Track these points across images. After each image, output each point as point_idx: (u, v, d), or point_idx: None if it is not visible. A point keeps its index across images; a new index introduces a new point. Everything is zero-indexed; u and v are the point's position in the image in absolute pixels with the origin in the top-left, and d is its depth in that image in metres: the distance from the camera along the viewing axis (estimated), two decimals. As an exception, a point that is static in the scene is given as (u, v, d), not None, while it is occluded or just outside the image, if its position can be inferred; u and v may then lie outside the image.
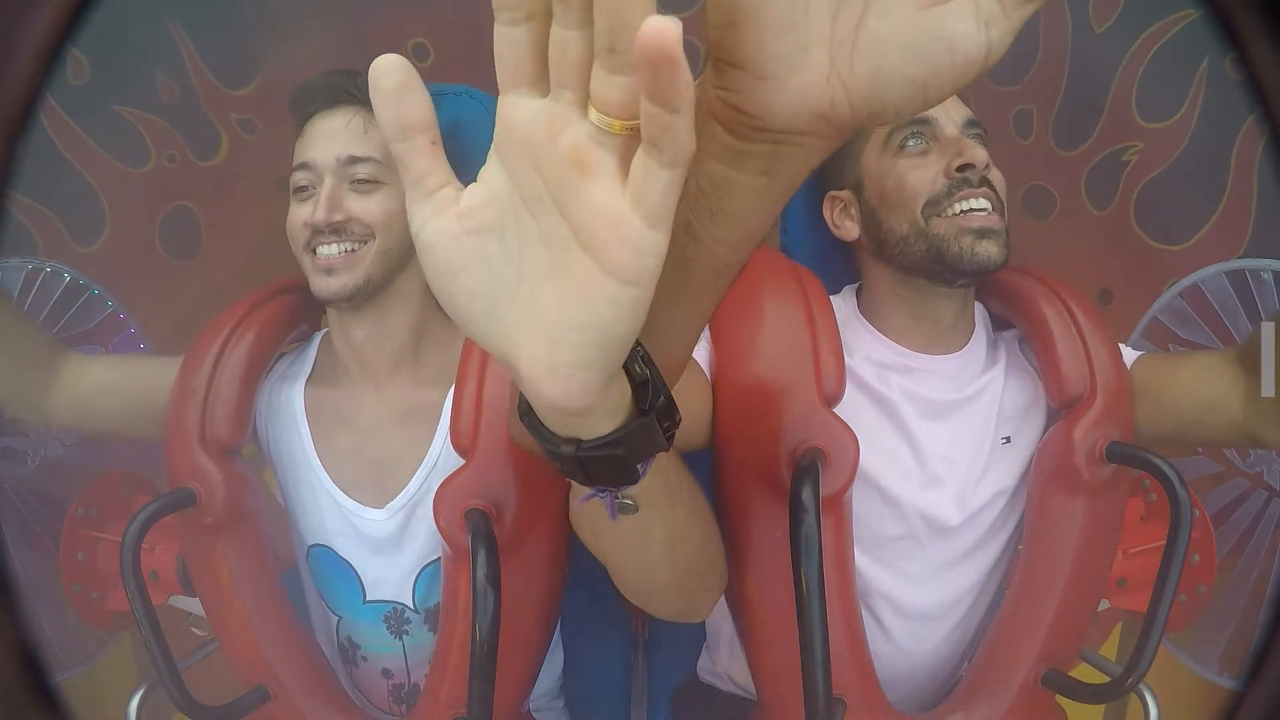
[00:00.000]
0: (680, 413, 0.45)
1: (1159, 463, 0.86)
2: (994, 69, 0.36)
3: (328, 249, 0.95)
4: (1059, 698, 0.96)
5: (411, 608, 1.01)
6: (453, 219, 0.37)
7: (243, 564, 0.98)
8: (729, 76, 0.38)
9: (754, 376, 0.84)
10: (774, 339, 0.86)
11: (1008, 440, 0.98)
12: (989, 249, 0.91)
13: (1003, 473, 0.97)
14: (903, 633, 0.97)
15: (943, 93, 0.37)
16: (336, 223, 0.94)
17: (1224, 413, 0.87)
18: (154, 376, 1.01)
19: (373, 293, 0.97)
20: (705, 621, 1.09)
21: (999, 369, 1.00)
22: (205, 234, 1.62)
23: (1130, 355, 0.97)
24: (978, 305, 1.04)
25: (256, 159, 1.58)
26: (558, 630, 1.10)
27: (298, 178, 0.97)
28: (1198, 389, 0.90)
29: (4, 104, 0.39)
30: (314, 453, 1.02)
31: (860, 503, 0.90)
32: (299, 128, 1.00)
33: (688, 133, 0.32)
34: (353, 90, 0.97)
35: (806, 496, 0.78)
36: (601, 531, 0.65)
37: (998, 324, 1.06)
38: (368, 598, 1.02)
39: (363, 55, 0.40)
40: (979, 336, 1.02)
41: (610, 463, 0.43)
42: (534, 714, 1.06)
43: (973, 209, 0.91)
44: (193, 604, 1.06)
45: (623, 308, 0.35)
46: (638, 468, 0.46)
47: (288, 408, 1.03)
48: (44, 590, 1.19)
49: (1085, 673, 0.99)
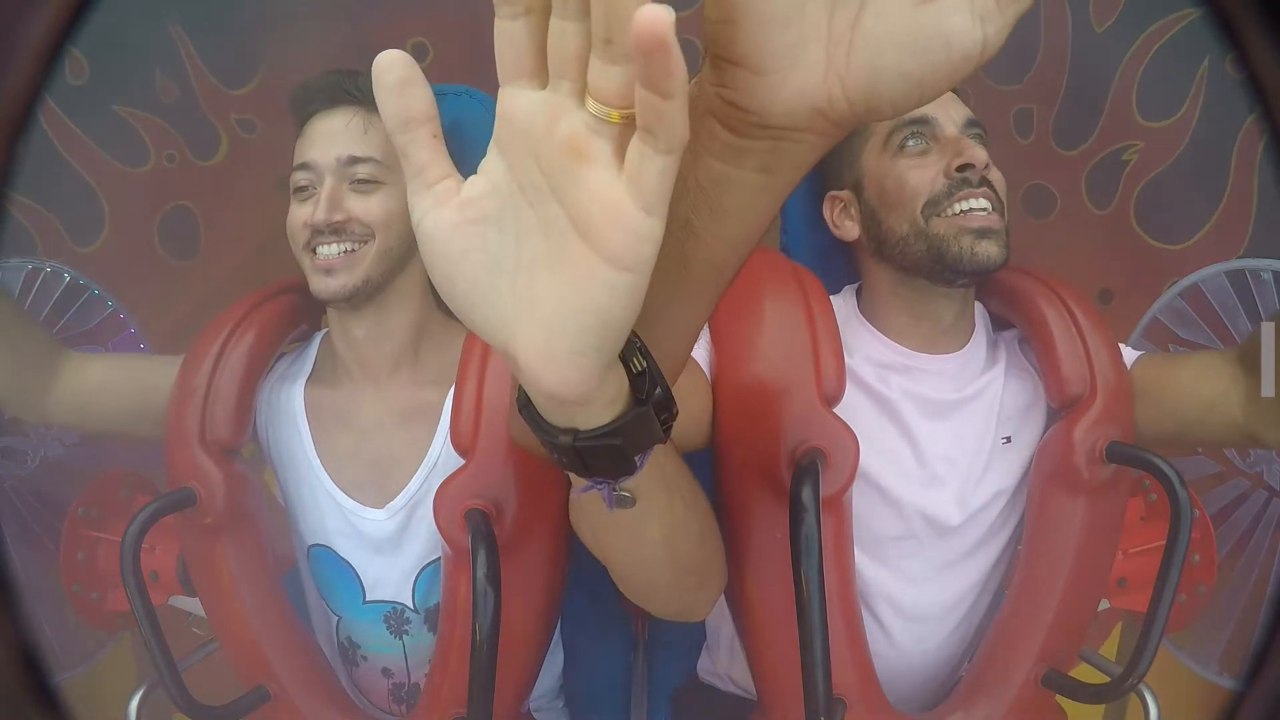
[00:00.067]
0: (678, 405, 0.46)
1: (1159, 463, 0.86)
2: (994, 68, 0.36)
3: (327, 249, 0.95)
4: (1059, 698, 0.96)
5: (411, 608, 1.01)
6: (453, 209, 0.37)
7: (243, 564, 0.98)
8: (727, 73, 0.38)
9: (754, 376, 0.84)
10: (774, 339, 0.86)
11: (1008, 440, 0.98)
12: (989, 249, 0.91)
13: (1003, 472, 0.97)
14: (903, 633, 0.97)
15: (939, 88, 0.37)
16: (336, 223, 0.94)
17: (1224, 413, 0.87)
18: (154, 376, 1.01)
19: (372, 293, 0.97)
20: (705, 621, 1.09)
21: (999, 369, 1.00)
22: (205, 234, 1.62)
23: (1130, 355, 0.97)
24: (978, 305, 1.04)
25: (256, 159, 1.58)
26: (558, 630, 1.10)
27: (298, 178, 0.97)
28: (1198, 389, 0.90)
29: (4, 104, 0.39)
30: (314, 453, 1.02)
31: (860, 503, 0.90)
32: (299, 128, 1.00)
33: (682, 119, 0.32)
34: (353, 90, 0.97)
35: (806, 496, 0.78)
36: (601, 529, 0.65)
37: (998, 324, 1.06)
38: (368, 598, 1.02)
39: (363, 55, 0.41)
40: (979, 336, 1.02)
41: (608, 453, 0.44)
42: (534, 714, 1.06)
43: (973, 209, 0.91)
44: (193, 604, 1.06)
45: (620, 294, 0.36)
46: (635, 459, 0.46)
47: (288, 408, 1.03)
48: (44, 590, 1.19)
49: (1085, 673, 0.99)
